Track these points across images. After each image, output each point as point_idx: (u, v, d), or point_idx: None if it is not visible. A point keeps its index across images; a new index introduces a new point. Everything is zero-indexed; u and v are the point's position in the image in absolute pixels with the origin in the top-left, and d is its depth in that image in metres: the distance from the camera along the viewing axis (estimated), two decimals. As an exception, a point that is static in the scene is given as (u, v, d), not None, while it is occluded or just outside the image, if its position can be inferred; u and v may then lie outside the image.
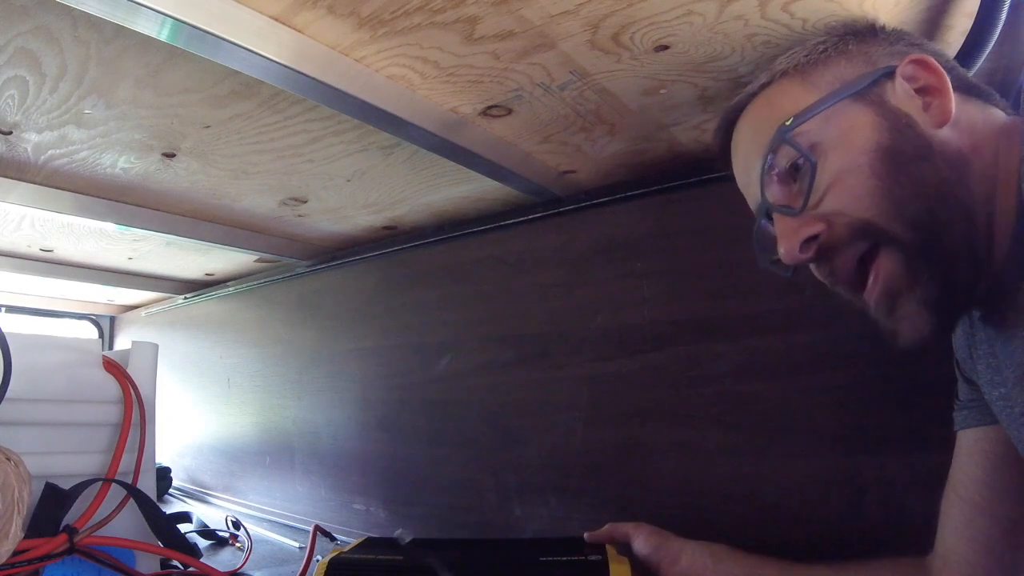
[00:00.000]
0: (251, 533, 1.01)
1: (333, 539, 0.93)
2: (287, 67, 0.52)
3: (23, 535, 0.53)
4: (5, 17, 0.48)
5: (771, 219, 0.48)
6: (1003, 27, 0.48)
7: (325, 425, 1.19)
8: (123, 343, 1.93)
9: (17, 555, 0.53)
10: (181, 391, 1.63)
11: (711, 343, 0.74)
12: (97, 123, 0.67)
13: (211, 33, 0.47)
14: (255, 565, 0.88)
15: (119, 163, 0.78)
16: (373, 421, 1.10)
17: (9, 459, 0.54)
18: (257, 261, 1.32)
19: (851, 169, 0.43)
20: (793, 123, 0.44)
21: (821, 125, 0.44)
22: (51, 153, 0.74)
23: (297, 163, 0.79)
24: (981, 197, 0.41)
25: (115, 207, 0.92)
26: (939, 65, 0.43)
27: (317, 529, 0.89)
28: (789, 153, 0.45)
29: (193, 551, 0.81)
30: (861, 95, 0.44)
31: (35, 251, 1.25)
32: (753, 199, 0.51)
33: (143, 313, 1.84)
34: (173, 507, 1.31)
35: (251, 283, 1.43)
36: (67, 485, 0.63)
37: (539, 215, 0.92)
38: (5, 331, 0.57)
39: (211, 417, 1.51)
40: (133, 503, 0.68)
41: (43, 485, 0.61)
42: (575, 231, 0.88)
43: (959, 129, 0.42)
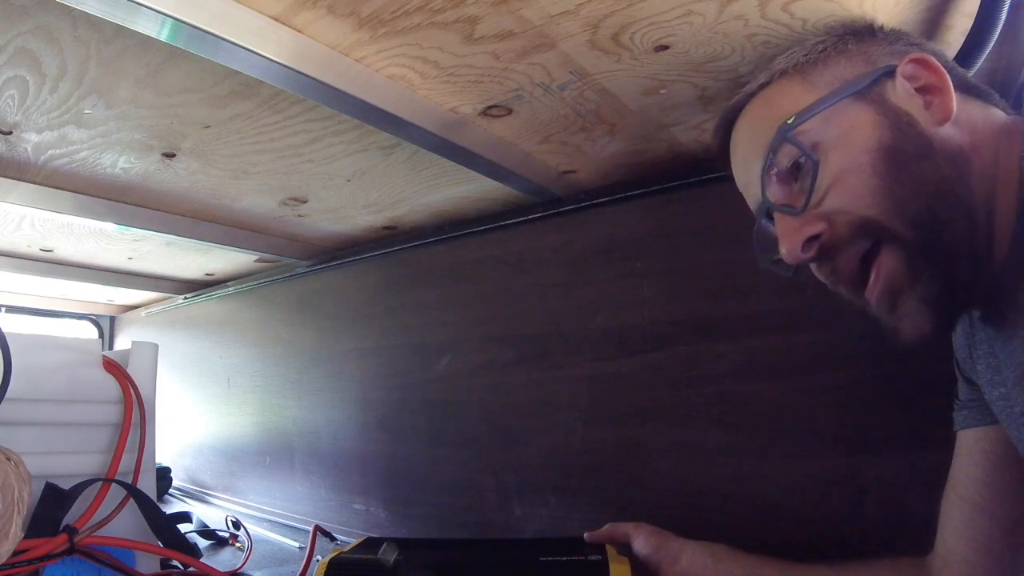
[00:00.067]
0: (251, 533, 1.01)
1: (333, 539, 0.93)
2: (287, 67, 0.52)
3: (23, 535, 0.53)
4: (5, 17, 0.48)
5: (772, 219, 0.48)
6: (1003, 27, 0.48)
7: (325, 425, 1.19)
8: (123, 343, 1.93)
9: (17, 555, 0.53)
10: (181, 391, 1.63)
11: (711, 343, 0.74)
12: (97, 123, 0.67)
13: (211, 33, 0.47)
14: (255, 565, 0.88)
15: (119, 163, 0.78)
16: (373, 421, 1.10)
17: (9, 459, 0.54)
18: (257, 261, 1.32)
19: (853, 168, 0.43)
20: (794, 122, 0.44)
21: (822, 124, 0.44)
22: (51, 153, 0.74)
23: (297, 163, 0.79)
24: (981, 196, 0.41)
25: (115, 207, 0.92)
26: (939, 64, 0.43)
27: (317, 529, 0.89)
28: (790, 152, 0.45)
29: (193, 551, 0.81)
30: (862, 94, 0.44)
31: (35, 251, 1.25)
32: (753, 199, 0.50)
33: (143, 313, 1.84)
34: (173, 507, 1.31)
35: (251, 283, 1.43)
36: (67, 485, 0.63)
37: (539, 215, 0.92)
38: (5, 331, 0.57)
39: (211, 417, 1.51)
40: (133, 503, 0.68)
41: (43, 485, 0.61)
42: (575, 231, 0.88)
43: (959, 128, 0.42)
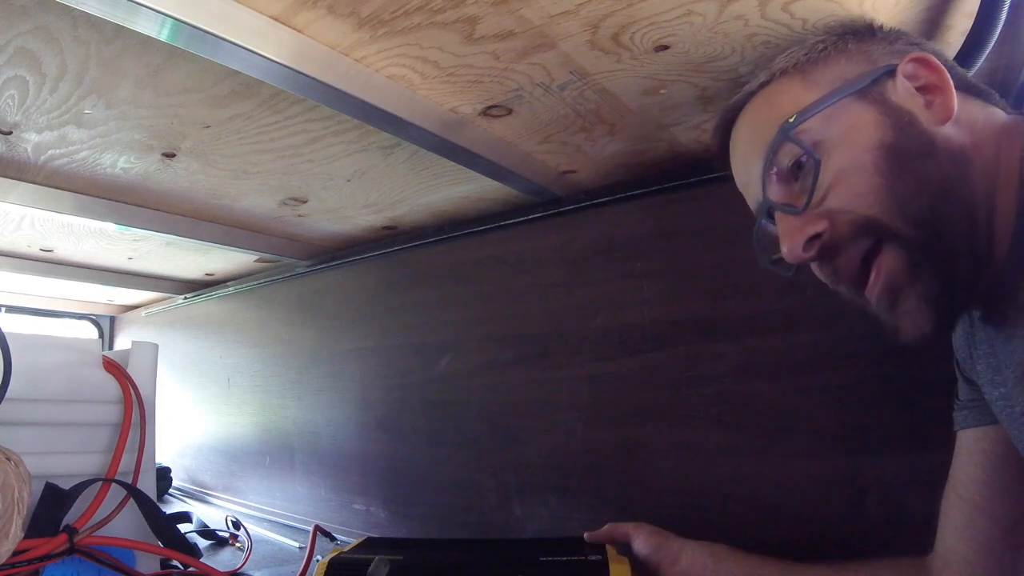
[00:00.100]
0: (251, 533, 1.01)
1: (333, 539, 0.93)
2: (287, 67, 0.52)
3: (23, 535, 0.53)
4: (5, 17, 0.48)
5: (772, 218, 0.48)
6: (1003, 27, 0.48)
7: (325, 425, 1.19)
8: (123, 343, 1.93)
9: (17, 555, 0.53)
10: (181, 391, 1.63)
11: (711, 343, 0.74)
12: (97, 123, 0.67)
13: (211, 33, 0.47)
14: (255, 565, 0.88)
15: (119, 163, 0.78)
16: (373, 421, 1.10)
17: (9, 459, 0.54)
18: (257, 261, 1.32)
19: (855, 167, 0.42)
20: (796, 120, 0.44)
21: (823, 123, 0.44)
22: (51, 153, 0.74)
23: (297, 163, 0.79)
24: (982, 195, 0.41)
25: (115, 207, 0.92)
26: (940, 63, 0.43)
27: (317, 529, 0.89)
28: (792, 151, 0.45)
29: (193, 551, 0.81)
30: (863, 93, 0.44)
31: (35, 251, 1.25)
32: (753, 198, 0.50)
33: (143, 313, 1.84)
34: (173, 507, 1.31)
35: (251, 283, 1.43)
36: (67, 485, 0.63)
37: (539, 215, 0.92)
38: (5, 331, 0.57)
39: (211, 417, 1.51)
40: (133, 503, 0.68)
41: (43, 485, 0.61)
42: (575, 231, 0.88)
43: (960, 127, 0.42)
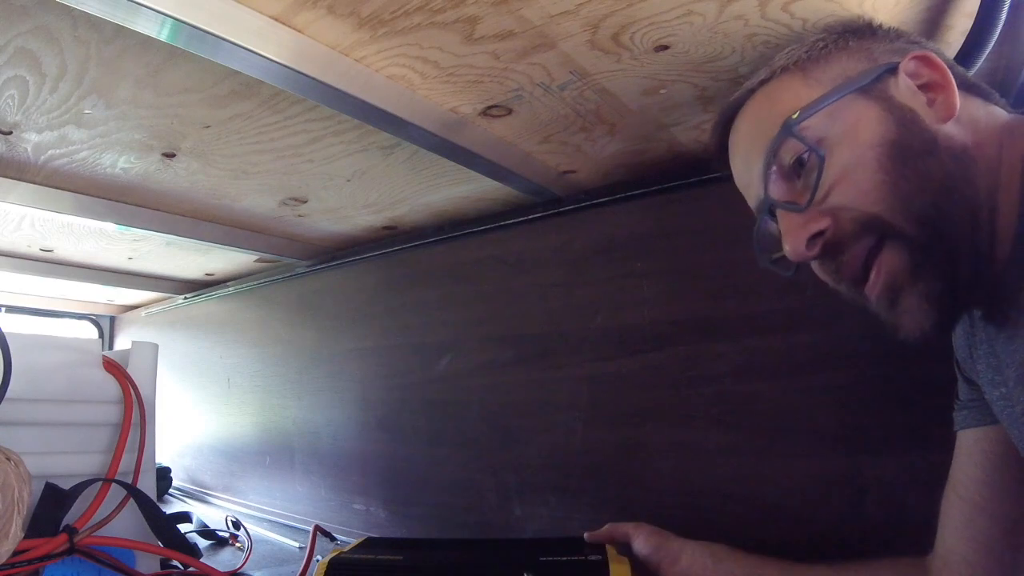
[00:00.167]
0: (251, 533, 1.01)
1: (333, 539, 0.93)
2: (287, 67, 0.52)
3: (23, 535, 0.53)
4: (5, 17, 0.48)
5: (773, 216, 0.47)
6: (1003, 27, 0.48)
7: (325, 425, 1.19)
8: (123, 343, 1.93)
9: (17, 555, 0.53)
10: (181, 391, 1.63)
11: (711, 343, 0.74)
12: (97, 123, 0.67)
13: (211, 33, 0.47)
14: (255, 565, 0.88)
15: (119, 163, 0.78)
16: (373, 421, 1.10)
17: (9, 459, 0.54)
18: (257, 261, 1.32)
19: (858, 164, 0.42)
20: (799, 117, 0.43)
21: (826, 120, 0.43)
22: (51, 153, 0.74)
23: (297, 163, 0.79)
24: (984, 193, 0.41)
25: (115, 207, 0.92)
26: (942, 61, 0.43)
27: (317, 529, 0.89)
28: (794, 147, 0.44)
29: (193, 551, 0.81)
30: (865, 90, 0.44)
31: (35, 251, 1.25)
32: (754, 197, 0.50)
33: (143, 313, 1.84)
34: (173, 507, 1.31)
35: (251, 283, 1.43)
36: (67, 485, 0.63)
37: (539, 215, 0.92)
38: (5, 331, 0.57)
39: (211, 417, 1.51)
40: (133, 503, 0.68)
41: (43, 485, 0.61)
42: (575, 231, 0.88)
43: (962, 126, 0.42)
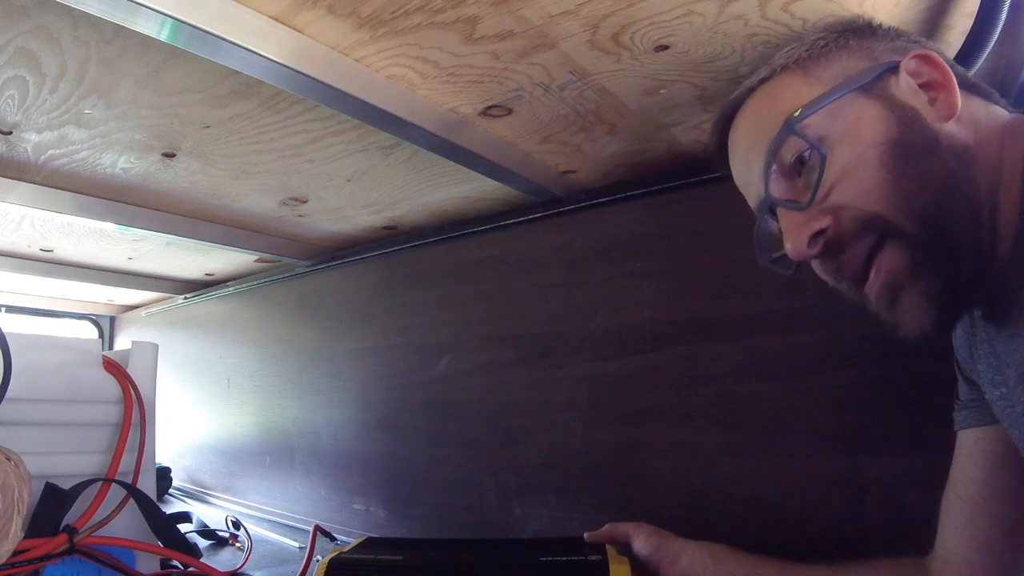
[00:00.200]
0: (251, 533, 1.01)
1: (333, 539, 0.93)
2: (287, 67, 0.52)
3: (23, 535, 0.53)
4: (5, 17, 0.48)
5: (774, 215, 0.47)
6: (1003, 27, 0.48)
7: (325, 425, 1.19)
8: (123, 343, 1.93)
9: (17, 555, 0.53)
10: (181, 391, 1.63)
11: (711, 343, 0.74)
12: (97, 123, 0.67)
13: (211, 33, 0.47)
14: (255, 565, 0.88)
15: (119, 163, 0.78)
16: (373, 421, 1.10)
17: (9, 459, 0.54)
18: (257, 261, 1.32)
19: (860, 162, 0.42)
20: (801, 115, 0.43)
21: (828, 118, 0.43)
22: (51, 153, 0.74)
23: (297, 163, 0.79)
24: (986, 192, 0.41)
25: (115, 207, 0.92)
26: (943, 60, 0.43)
27: (317, 529, 0.89)
28: (796, 145, 0.44)
29: (193, 551, 0.81)
30: (867, 89, 0.44)
31: (35, 251, 1.25)
32: (755, 195, 0.49)
33: (143, 313, 1.84)
34: (173, 507, 1.31)
35: (251, 283, 1.43)
36: (67, 485, 0.63)
37: (539, 215, 0.92)
38: (5, 331, 0.57)
39: (211, 417, 1.51)
40: (133, 503, 0.68)
41: (43, 485, 0.61)
42: (575, 231, 0.88)
43: (963, 124, 0.42)
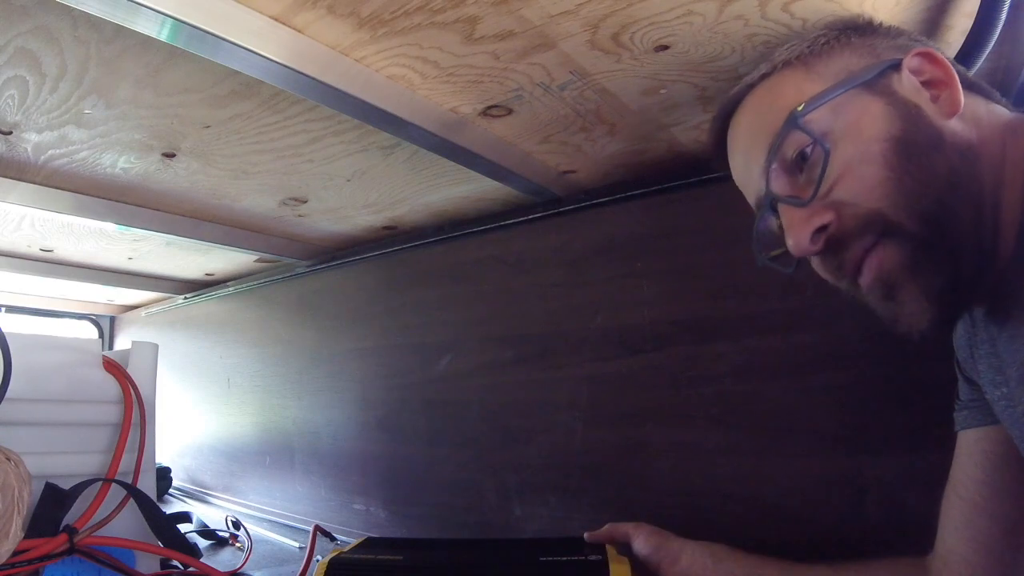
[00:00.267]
0: (251, 533, 1.01)
1: (333, 539, 0.93)
2: (287, 67, 0.52)
3: (23, 535, 0.53)
4: (5, 17, 0.48)
5: (775, 211, 0.46)
6: (1003, 27, 0.48)
7: (325, 425, 1.19)
8: (123, 343, 1.93)
9: (17, 555, 0.53)
10: (181, 391, 1.63)
11: (711, 343, 0.74)
12: (97, 123, 0.67)
13: (211, 33, 0.47)
14: (255, 565, 0.88)
15: (119, 163, 0.78)
16: (373, 421, 1.10)
17: (9, 459, 0.54)
18: (257, 261, 1.32)
19: (863, 159, 0.42)
20: (804, 109, 0.43)
21: (831, 114, 0.43)
22: (51, 153, 0.74)
23: (297, 163, 0.79)
24: (988, 190, 0.41)
25: (115, 207, 0.92)
26: (945, 58, 0.43)
27: (317, 529, 0.89)
28: (798, 141, 0.44)
29: (193, 551, 0.81)
30: (870, 85, 0.43)
31: (35, 251, 1.25)
32: (754, 192, 0.49)
33: (143, 313, 1.84)
34: (173, 507, 1.31)
35: (251, 283, 1.43)
36: (67, 485, 0.63)
37: (539, 215, 0.92)
38: (5, 331, 0.57)
39: (211, 417, 1.51)
40: (133, 503, 0.68)
41: (43, 485, 0.61)
42: (575, 231, 0.88)
43: (965, 123, 0.42)
